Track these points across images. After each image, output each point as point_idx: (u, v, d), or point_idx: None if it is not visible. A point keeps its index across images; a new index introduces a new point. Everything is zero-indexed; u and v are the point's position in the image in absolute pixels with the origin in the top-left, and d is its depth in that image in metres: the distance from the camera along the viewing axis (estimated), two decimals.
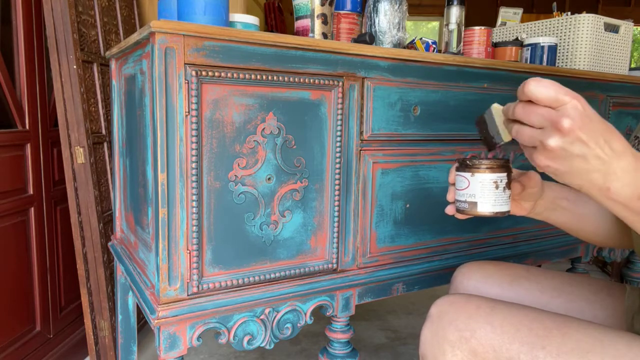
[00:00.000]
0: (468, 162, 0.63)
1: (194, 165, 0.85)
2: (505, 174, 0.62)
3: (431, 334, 0.70)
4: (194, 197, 0.85)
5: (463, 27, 1.38)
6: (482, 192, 0.61)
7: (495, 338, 0.64)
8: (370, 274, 1.08)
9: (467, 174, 0.62)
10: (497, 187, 0.61)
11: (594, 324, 0.64)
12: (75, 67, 1.36)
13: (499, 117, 0.59)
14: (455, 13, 1.36)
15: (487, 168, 0.61)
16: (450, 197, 0.72)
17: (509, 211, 0.65)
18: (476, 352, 0.65)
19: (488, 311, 0.67)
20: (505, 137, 0.58)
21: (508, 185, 0.62)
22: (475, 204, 0.62)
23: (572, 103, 0.49)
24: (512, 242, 1.34)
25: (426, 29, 6.83)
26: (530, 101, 0.52)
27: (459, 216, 0.70)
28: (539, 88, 0.50)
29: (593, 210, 0.80)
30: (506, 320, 0.65)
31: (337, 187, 1.01)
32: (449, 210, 0.73)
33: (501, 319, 0.65)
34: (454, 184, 0.70)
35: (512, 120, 0.55)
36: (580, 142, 0.49)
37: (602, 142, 0.49)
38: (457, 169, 0.66)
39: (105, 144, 1.52)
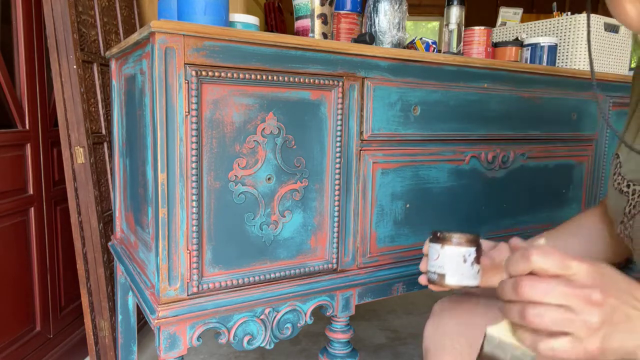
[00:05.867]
0: (439, 234, 0.65)
1: (194, 165, 0.85)
2: (473, 249, 0.63)
3: (433, 329, 0.74)
4: (194, 197, 0.85)
5: (463, 27, 1.38)
6: (450, 264, 0.63)
7: None
8: (370, 274, 1.08)
9: (438, 246, 0.64)
10: (464, 261, 0.62)
11: None
12: (75, 67, 1.36)
13: (509, 335, 0.51)
14: (455, 13, 1.36)
15: (456, 242, 0.63)
16: (422, 266, 0.72)
17: (477, 285, 0.66)
18: (472, 345, 0.67)
19: (486, 306, 0.70)
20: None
21: (477, 260, 0.64)
22: (443, 275, 0.63)
23: (584, 269, 0.44)
24: None
25: (426, 29, 6.83)
26: (530, 273, 0.46)
27: (431, 287, 0.70)
28: (544, 258, 0.45)
29: (579, 246, 0.81)
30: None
31: (337, 187, 1.01)
32: (422, 280, 0.73)
33: (497, 312, 0.66)
34: (427, 255, 0.70)
35: (509, 303, 0.47)
36: (617, 309, 0.44)
37: (631, 299, 0.45)
38: (430, 240, 0.68)
39: (105, 144, 1.52)
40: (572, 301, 0.43)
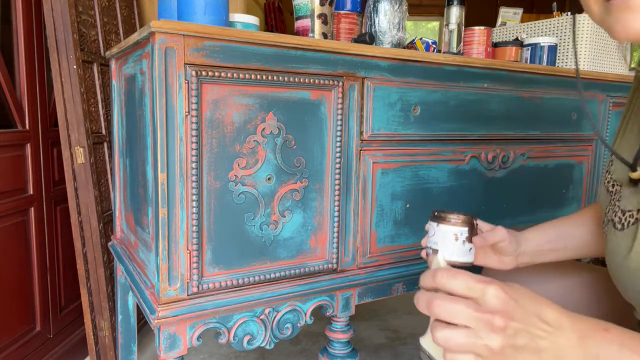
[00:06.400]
0: (436, 213, 0.69)
1: (194, 165, 0.85)
2: (466, 229, 0.67)
3: None
4: (194, 197, 0.85)
5: (463, 27, 1.38)
6: (443, 241, 0.67)
7: None
8: (370, 274, 1.08)
9: (435, 224, 0.68)
10: (456, 239, 0.66)
11: None
12: (75, 67, 1.36)
13: (432, 347, 0.58)
14: (455, 13, 1.36)
15: (450, 221, 0.67)
16: (423, 241, 0.76)
17: (469, 262, 0.69)
18: None
19: None
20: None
21: (469, 239, 0.67)
22: (437, 251, 0.67)
23: (491, 292, 0.47)
24: None
25: (426, 29, 6.83)
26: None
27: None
28: (449, 280, 0.49)
29: (579, 240, 0.83)
30: None
31: (337, 187, 1.01)
32: (422, 254, 0.77)
33: None
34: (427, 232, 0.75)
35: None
36: (520, 333, 0.47)
37: (537, 322, 0.47)
38: (430, 218, 0.71)
39: (105, 144, 1.52)
40: (476, 324, 0.47)
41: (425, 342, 0.57)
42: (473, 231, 0.68)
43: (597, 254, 0.83)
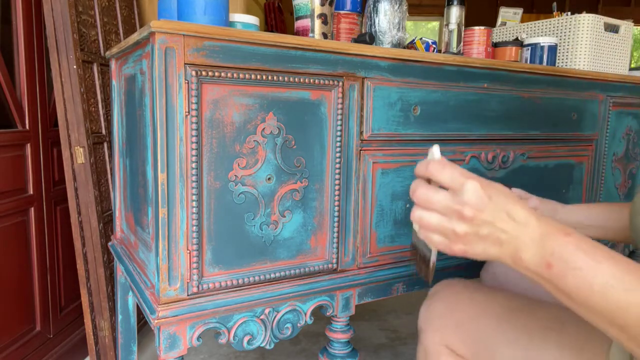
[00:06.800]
0: None
1: (194, 165, 0.85)
2: None
3: (425, 309, 0.86)
4: (194, 197, 0.85)
5: (463, 27, 1.38)
6: None
7: (472, 309, 0.80)
8: (370, 274, 1.08)
9: None
10: None
11: (557, 305, 0.71)
12: (75, 67, 1.36)
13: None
14: (455, 13, 1.36)
15: None
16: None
17: None
18: (457, 326, 0.80)
19: (472, 290, 0.84)
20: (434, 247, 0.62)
21: None
22: None
23: (470, 185, 0.53)
24: None
25: (426, 29, 6.83)
26: (430, 183, 0.57)
27: None
28: (439, 171, 0.55)
29: (617, 223, 0.88)
30: (485, 297, 0.81)
31: (337, 187, 1.01)
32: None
33: (482, 295, 0.82)
34: None
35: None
36: (486, 224, 0.53)
37: (505, 217, 0.53)
38: None
39: (105, 144, 1.52)
40: (448, 212, 0.54)
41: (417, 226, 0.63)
42: None
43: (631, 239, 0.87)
